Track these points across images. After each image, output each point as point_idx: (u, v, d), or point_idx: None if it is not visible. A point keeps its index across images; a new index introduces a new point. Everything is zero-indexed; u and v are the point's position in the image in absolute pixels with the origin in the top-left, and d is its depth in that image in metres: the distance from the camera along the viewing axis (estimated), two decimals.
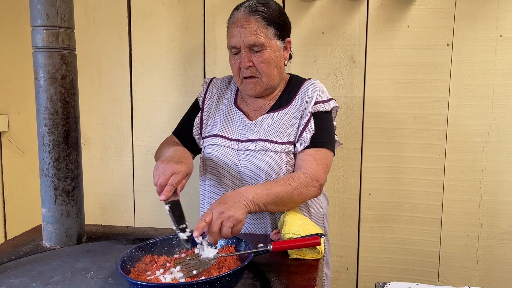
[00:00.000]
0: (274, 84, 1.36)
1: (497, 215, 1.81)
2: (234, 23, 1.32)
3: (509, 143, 1.76)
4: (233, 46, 1.32)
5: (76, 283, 1.02)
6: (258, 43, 1.29)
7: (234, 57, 1.34)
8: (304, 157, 1.30)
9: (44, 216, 1.24)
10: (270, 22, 1.30)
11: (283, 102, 1.38)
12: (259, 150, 1.32)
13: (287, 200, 1.21)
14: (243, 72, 1.33)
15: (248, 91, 1.37)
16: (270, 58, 1.31)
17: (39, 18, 1.16)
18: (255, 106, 1.41)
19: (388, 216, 1.88)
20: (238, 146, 1.35)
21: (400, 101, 1.81)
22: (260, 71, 1.32)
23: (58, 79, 1.19)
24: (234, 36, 1.31)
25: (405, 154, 1.84)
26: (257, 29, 1.28)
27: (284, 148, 1.31)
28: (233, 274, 0.95)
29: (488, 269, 1.84)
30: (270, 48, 1.31)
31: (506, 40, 1.72)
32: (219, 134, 1.39)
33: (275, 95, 1.41)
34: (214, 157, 1.37)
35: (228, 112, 1.42)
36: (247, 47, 1.30)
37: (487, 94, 1.75)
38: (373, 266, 1.91)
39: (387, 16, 1.79)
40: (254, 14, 1.29)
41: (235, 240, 1.12)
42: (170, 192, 1.14)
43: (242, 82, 1.36)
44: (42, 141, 1.21)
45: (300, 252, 1.12)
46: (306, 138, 1.31)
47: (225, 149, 1.36)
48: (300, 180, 1.23)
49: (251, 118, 1.39)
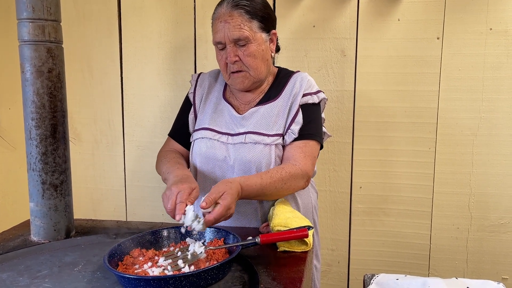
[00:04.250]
0: (261, 77, 1.36)
1: (487, 208, 1.82)
2: (218, 18, 1.32)
3: (498, 136, 1.77)
4: (218, 42, 1.32)
5: (63, 277, 1.01)
6: (242, 37, 1.28)
7: (220, 52, 1.34)
8: (292, 149, 1.31)
9: (32, 211, 1.23)
10: (254, 15, 1.30)
11: (272, 95, 1.39)
12: (248, 143, 1.32)
13: (275, 190, 1.22)
14: (230, 67, 1.33)
15: (236, 86, 1.37)
16: (256, 51, 1.31)
17: (25, 10, 1.15)
18: (244, 100, 1.41)
19: (379, 210, 1.89)
20: (228, 139, 1.35)
21: (391, 95, 1.82)
22: (246, 65, 1.32)
23: (45, 72, 1.18)
24: (218, 32, 1.31)
25: (396, 148, 1.84)
26: (240, 23, 1.28)
27: (273, 141, 1.32)
28: (220, 266, 0.95)
29: (478, 261, 1.86)
30: (256, 41, 1.31)
31: (496, 33, 1.72)
32: (208, 127, 1.38)
33: (264, 88, 1.41)
34: (203, 150, 1.37)
35: (217, 105, 1.42)
36: (232, 42, 1.30)
37: (477, 87, 1.76)
38: (364, 259, 1.92)
39: (378, 9, 1.78)
40: (237, 8, 1.29)
41: (223, 233, 1.12)
42: (182, 209, 1.07)
43: (230, 77, 1.36)
44: (29, 135, 1.20)
45: (288, 245, 1.12)
46: (294, 130, 1.32)
47: (214, 142, 1.36)
48: (290, 171, 1.24)
49: (240, 111, 1.39)
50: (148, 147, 2.03)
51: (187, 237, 1.14)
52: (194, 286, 0.91)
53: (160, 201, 2.16)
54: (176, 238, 1.14)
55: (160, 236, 1.14)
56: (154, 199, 2.06)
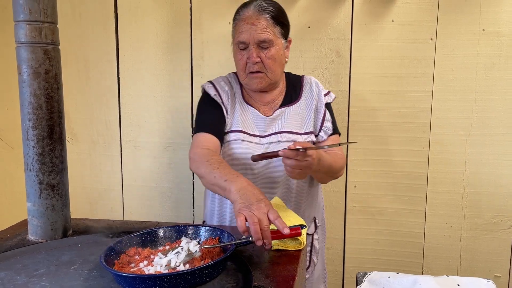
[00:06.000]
0: (276, 79, 1.44)
1: (480, 207, 1.84)
2: (244, 19, 1.37)
3: (491, 136, 1.80)
4: (241, 42, 1.38)
5: (60, 275, 1.03)
6: (267, 39, 1.36)
7: (241, 52, 1.39)
8: (332, 142, 1.48)
9: (29, 210, 1.25)
10: (277, 22, 1.38)
11: (293, 96, 1.48)
12: (284, 141, 1.41)
13: (332, 173, 1.41)
14: (250, 67, 1.39)
15: (252, 85, 1.42)
16: (276, 55, 1.38)
17: (22, 13, 1.16)
18: (264, 101, 1.47)
19: (374, 208, 1.91)
20: (260, 140, 1.42)
21: (385, 95, 1.84)
22: (266, 67, 1.39)
23: (42, 73, 1.19)
24: (243, 32, 1.36)
25: (390, 147, 1.86)
26: (266, 26, 1.36)
27: (305, 138, 1.44)
28: (215, 265, 0.97)
29: (471, 260, 1.88)
30: (277, 45, 1.38)
31: (488, 34, 1.74)
32: (239, 129, 1.43)
33: (281, 90, 1.49)
34: (238, 151, 1.41)
35: (241, 108, 1.47)
36: (256, 43, 1.36)
37: (470, 87, 1.78)
38: (359, 258, 1.95)
39: (372, 10, 1.80)
40: (264, 13, 1.36)
41: (218, 232, 1.13)
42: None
43: (247, 76, 1.41)
44: (26, 135, 1.21)
45: (282, 243, 1.14)
46: (328, 127, 1.48)
47: (247, 144, 1.42)
48: (342, 159, 1.46)
49: (265, 113, 1.46)
50: (144, 147, 2.05)
51: (183, 236, 1.15)
52: (189, 284, 0.93)
53: (156, 200, 2.18)
54: (172, 237, 1.16)
55: (156, 235, 1.15)
56: (151, 199, 2.08)
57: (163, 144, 2.02)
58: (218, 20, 1.91)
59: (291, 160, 1.21)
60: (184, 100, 1.98)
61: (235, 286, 0.95)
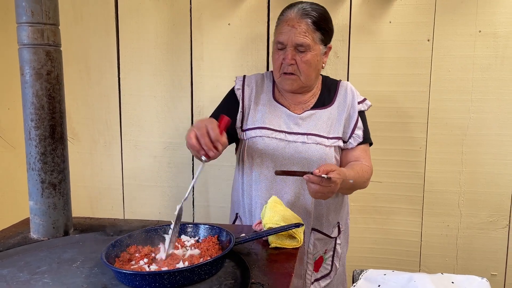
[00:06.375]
0: (310, 83, 1.47)
1: (476, 206, 1.87)
2: (286, 21, 1.40)
3: (487, 135, 1.82)
4: (280, 42, 1.41)
5: (62, 273, 1.05)
6: (305, 44, 1.38)
7: (278, 52, 1.42)
8: (360, 151, 1.49)
9: (32, 209, 1.27)
10: (318, 27, 1.40)
11: (326, 100, 1.50)
12: (310, 143, 1.42)
13: (357, 185, 1.42)
14: (284, 68, 1.42)
15: (285, 86, 1.45)
16: (312, 60, 1.41)
17: (24, 15, 1.18)
18: (295, 101, 1.50)
19: (371, 208, 1.94)
20: (286, 137, 1.44)
21: (383, 95, 1.86)
22: (300, 70, 1.41)
23: (44, 74, 1.22)
24: (283, 33, 1.39)
25: (388, 147, 1.89)
26: (306, 31, 1.38)
27: (332, 143, 1.45)
28: (213, 262, 0.99)
29: (468, 258, 1.90)
30: (314, 51, 1.41)
31: (484, 36, 1.77)
32: (264, 126, 1.46)
33: (315, 92, 1.51)
34: (260, 147, 1.44)
35: (269, 106, 1.49)
36: (293, 46, 1.39)
37: (466, 88, 1.80)
38: (357, 256, 1.97)
39: (370, 12, 1.82)
40: (306, 17, 1.38)
41: (217, 230, 1.16)
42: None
43: (281, 76, 1.44)
44: (28, 135, 1.23)
45: (280, 241, 1.16)
46: (359, 135, 1.49)
47: (272, 140, 1.44)
48: (367, 171, 1.46)
49: (294, 111, 1.48)
50: (145, 146, 2.07)
51: (182, 234, 1.17)
52: (188, 281, 0.95)
53: (156, 199, 2.21)
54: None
55: (156, 233, 1.17)
56: (151, 197, 2.10)
57: (163, 144, 2.05)
58: (218, 21, 1.93)
59: (314, 185, 1.23)
60: (184, 100, 2.00)
61: (233, 283, 0.98)
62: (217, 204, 2.04)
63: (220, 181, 2.00)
